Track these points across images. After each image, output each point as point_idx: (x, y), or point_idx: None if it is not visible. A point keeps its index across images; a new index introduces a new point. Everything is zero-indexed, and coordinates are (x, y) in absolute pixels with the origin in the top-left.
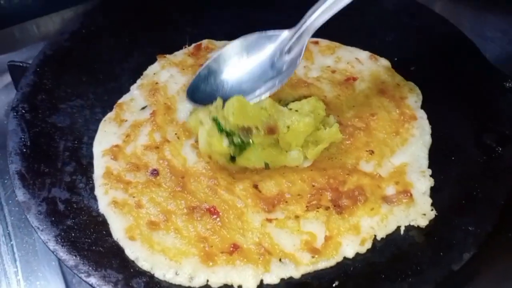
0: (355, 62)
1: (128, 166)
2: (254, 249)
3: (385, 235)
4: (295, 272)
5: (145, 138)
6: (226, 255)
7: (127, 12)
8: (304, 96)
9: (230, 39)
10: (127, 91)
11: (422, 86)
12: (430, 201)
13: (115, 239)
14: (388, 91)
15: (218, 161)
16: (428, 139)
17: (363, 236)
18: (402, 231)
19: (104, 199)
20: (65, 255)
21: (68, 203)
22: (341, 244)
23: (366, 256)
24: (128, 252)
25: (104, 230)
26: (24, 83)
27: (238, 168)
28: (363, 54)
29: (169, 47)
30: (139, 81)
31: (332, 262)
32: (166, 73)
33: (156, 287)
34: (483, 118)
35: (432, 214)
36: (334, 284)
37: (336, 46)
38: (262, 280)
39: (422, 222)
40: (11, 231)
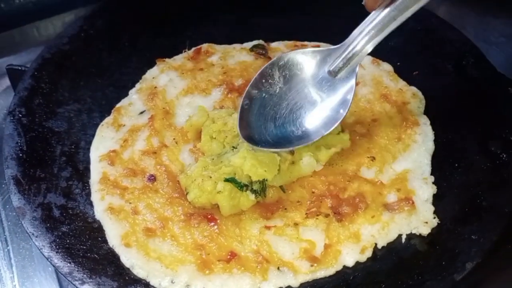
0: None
1: (125, 172)
2: (252, 257)
3: (386, 244)
4: (294, 281)
5: (142, 143)
6: (223, 263)
7: (127, 16)
8: None
9: (230, 43)
10: (125, 95)
11: (425, 91)
12: (433, 208)
13: (110, 246)
14: (390, 96)
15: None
16: (431, 146)
17: (363, 245)
18: (404, 239)
19: (100, 205)
20: (59, 261)
21: (63, 209)
22: (340, 253)
23: (366, 265)
24: (124, 259)
25: (100, 237)
26: (21, 87)
27: None
28: (365, 59)
29: (168, 52)
30: (138, 85)
31: (332, 270)
32: (165, 77)
33: None
34: (487, 124)
35: (434, 222)
36: None
37: None
38: None
39: (424, 231)
40: (7, 236)
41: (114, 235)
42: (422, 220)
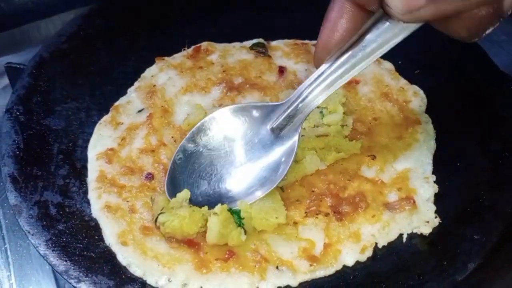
0: None
1: (123, 170)
2: (250, 256)
3: (386, 243)
4: (292, 281)
5: (141, 141)
6: (221, 262)
7: (126, 15)
8: None
9: (230, 42)
10: (124, 94)
11: (427, 90)
12: (434, 208)
13: (107, 244)
14: (391, 94)
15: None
16: (432, 144)
17: (363, 244)
18: (405, 239)
19: (97, 203)
20: (55, 260)
21: (60, 207)
22: (340, 252)
23: (366, 265)
24: (120, 258)
25: (96, 235)
26: (19, 85)
27: None
28: None
29: (168, 50)
30: (137, 83)
31: (331, 270)
32: (164, 75)
33: None
34: (490, 123)
35: (436, 221)
36: None
37: None
38: None
39: (425, 230)
40: (5, 235)
41: (111, 234)
42: (423, 219)
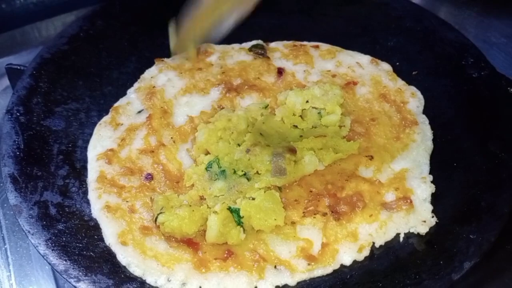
0: (356, 66)
1: (122, 170)
2: (248, 255)
3: (383, 243)
4: (290, 280)
5: (140, 142)
6: (220, 261)
7: (127, 17)
8: None
9: (229, 43)
10: (124, 95)
11: (425, 91)
12: (431, 208)
13: (107, 244)
14: (389, 95)
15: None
16: (429, 145)
17: (361, 243)
18: (402, 238)
19: (97, 204)
20: (55, 259)
21: (60, 207)
22: (338, 251)
23: (363, 264)
24: (120, 258)
25: (96, 235)
26: (20, 86)
27: None
28: (364, 58)
29: (168, 52)
30: (136, 84)
31: (329, 269)
32: (164, 76)
33: None
34: (487, 124)
35: (432, 221)
36: None
37: (337, 50)
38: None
39: (422, 230)
40: (5, 235)
41: (111, 233)
42: (420, 219)
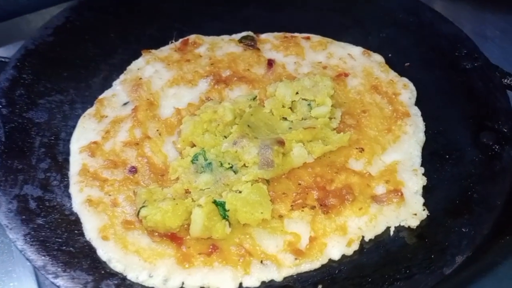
0: (348, 58)
1: (106, 163)
2: (234, 250)
3: (373, 236)
4: (277, 275)
5: (125, 134)
6: (204, 256)
7: (114, 8)
8: None
9: (219, 35)
10: (109, 87)
11: (417, 83)
12: (422, 200)
13: (87, 239)
14: (381, 87)
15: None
16: (421, 137)
17: (350, 237)
18: (392, 232)
19: (79, 197)
20: (33, 255)
21: (40, 201)
22: (326, 245)
23: (353, 258)
24: (101, 253)
25: (76, 230)
26: (3, 78)
27: None
28: (356, 50)
29: (156, 44)
30: (122, 76)
31: (317, 264)
32: (151, 68)
33: None
34: (480, 116)
35: (424, 214)
36: None
37: (328, 41)
38: (241, 283)
39: (413, 223)
40: None
41: (92, 228)
42: (411, 212)
